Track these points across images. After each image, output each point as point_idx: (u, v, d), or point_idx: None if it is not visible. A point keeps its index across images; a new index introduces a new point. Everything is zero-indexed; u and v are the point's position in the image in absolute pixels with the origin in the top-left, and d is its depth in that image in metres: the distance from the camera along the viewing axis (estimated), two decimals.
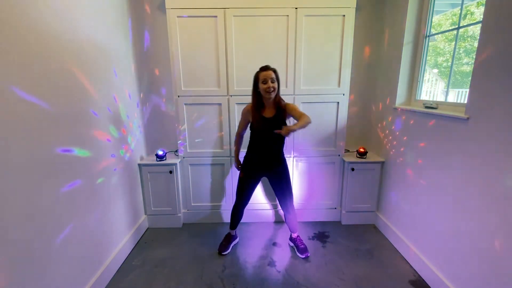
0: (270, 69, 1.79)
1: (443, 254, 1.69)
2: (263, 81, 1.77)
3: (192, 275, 1.92)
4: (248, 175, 2.02)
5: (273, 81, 1.78)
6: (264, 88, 1.77)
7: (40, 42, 1.28)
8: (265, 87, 1.77)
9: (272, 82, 1.77)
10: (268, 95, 1.79)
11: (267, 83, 1.76)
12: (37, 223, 1.25)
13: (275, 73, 1.80)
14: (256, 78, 1.82)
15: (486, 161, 1.37)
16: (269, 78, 1.76)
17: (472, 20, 1.78)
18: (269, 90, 1.77)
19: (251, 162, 1.99)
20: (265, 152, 1.93)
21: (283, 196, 2.05)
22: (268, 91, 1.77)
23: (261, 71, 1.80)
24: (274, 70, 1.80)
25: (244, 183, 2.04)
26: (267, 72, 1.77)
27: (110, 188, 1.90)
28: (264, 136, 1.88)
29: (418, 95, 2.13)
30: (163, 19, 2.39)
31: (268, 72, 1.77)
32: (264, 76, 1.77)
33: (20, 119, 1.16)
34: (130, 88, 2.22)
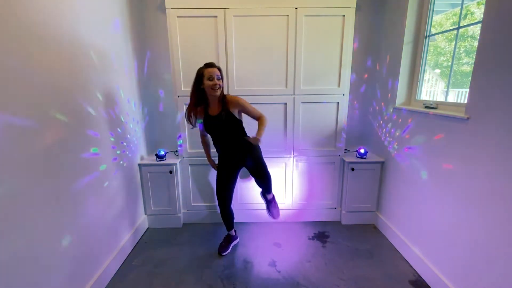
0: (215, 67, 1.78)
1: (443, 254, 1.69)
2: (209, 78, 1.74)
3: (192, 275, 1.92)
4: (221, 172, 2.05)
5: (219, 78, 1.77)
6: (210, 85, 1.75)
7: (38, 40, 1.28)
8: (211, 84, 1.74)
9: (218, 79, 1.75)
10: (214, 92, 1.77)
11: (213, 79, 1.74)
12: (37, 223, 1.25)
13: (220, 71, 1.80)
14: (201, 74, 1.77)
15: (486, 161, 1.37)
16: (215, 75, 1.74)
17: (472, 20, 1.78)
18: (215, 87, 1.75)
19: (220, 159, 2.04)
20: (225, 147, 1.95)
21: (260, 178, 2.08)
22: (214, 88, 1.75)
23: (205, 67, 1.77)
24: (219, 68, 1.80)
25: (222, 181, 2.05)
26: (213, 69, 1.75)
27: (110, 188, 1.90)
28: (217, 134, 1.91)
29: (418, 95, 2.13)
30: (163, 19, 2.39)
31: (213, 69, 1.75)
32: (209, 72, 1.74)
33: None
34: (130, 88, 2.22)
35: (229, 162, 2.00)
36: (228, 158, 1.99)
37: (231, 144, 1.93)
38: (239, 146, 1.94)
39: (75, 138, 1.52)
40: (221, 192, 2.07)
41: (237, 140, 1.93)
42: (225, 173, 2.03)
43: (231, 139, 1.92)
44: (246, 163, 2.01)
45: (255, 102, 2.34)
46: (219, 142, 1.95)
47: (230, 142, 1.92)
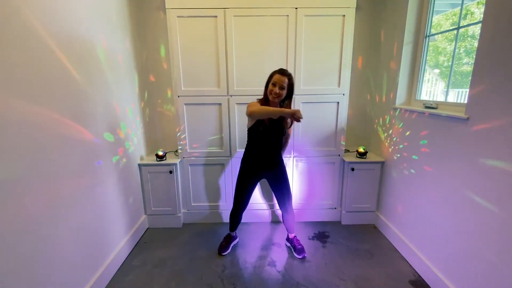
0: (286, 75, 1.74)
1: (443, 254, 1.69)
2: (273, 83, 1.75)
3: (192, 275, 1.92)
4: (247, 177, 2.00)
5: (282, 88, 1.74)
6: (270, 90, 1.76)
7: (38, 43, 1.28)
8: (272, 89, 1.75)
9: (280, 89, 1.74)
10: (271, 98, 1.78)
11: (275, 86, 1.74)
12: (37, 223, 1.25)
13: (290, 81, 1.76)
14: (270, 77, 1.79)
15: (486, 161, 1.37)
16: (279, 84, 1.73)
17: (472, 20, 1.78)
18: (274, 95, 1.75)
19: (250, 164, 1.97)
20: (265, 153, 1.92)
21: (282, 197, 2.05)
22: (272, 94, 1.76)
23: (277, 73, 1.76)
24: (289, 77, 1.76)
25: (244, 185, 2.01)
26: (281, 77, 1.73)
27: (110, 188, 1.90)
28: (266, 137, 1.87)
29: (418, 95, 2.13)
30: (163, 19, 2.39)
31: (281, 78, 1.73)
32: (276, 79, 1.74)
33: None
34: (130, 88, 2.22)
35: (258, 169, 1.96)
36: (260, 165, 1.94)
37: (271, 150, 1.92)
38: (275, 159, 1.95)
39: (73, 137, 1.52)
40: (242, 198, 2.03)
41: (277, 152, 1.94)
42: (250, 178, 2.00)
43: (274, 146, 1.91)
44: (275, 174, 1.98)
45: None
46: (262, 145, 1.90)
47: (272, 149, 1.91)
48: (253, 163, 1.96)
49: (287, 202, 2.06)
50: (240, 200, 2.05)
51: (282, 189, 2.03)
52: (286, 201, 2.06)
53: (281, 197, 2.06)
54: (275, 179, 2.01)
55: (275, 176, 2.00)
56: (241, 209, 2.09)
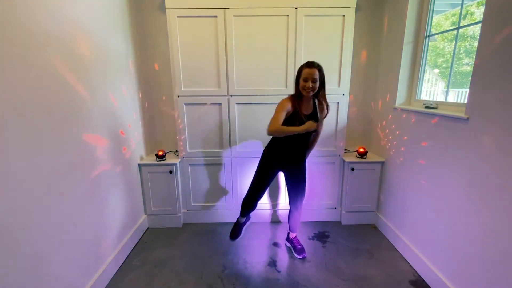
0: (315, 67, 1.69)
1: (443, 254, 1.69)
2: (304, 79, 1.69)
3: (192, 275, 1.92)
4: (270, 168, 1.94)
5: (315, 81, 1.69)
6: (303, 86, 1.71)
7: (43, 43, 1.28)
8: (304, 84, 1.70)
9: (313, 82, 1.69)
10: (306, 93, 1.73)
11: (307, 81, 1.69)
12: (37, 223, 1.25)
13: (320, 71, 1.70)
14: (299, 72, 1.73)
15: (486, 161, 1.37)
16: (311, 77, 1.68)
17: (472, 20, 1.78)
18: (308, 89, 1.71)
19: (276, 156, 1.91)
20: (294, 150, 1.89)
21: (296, 195, 2.05)
22: (306, 90, 1.71)
23: (306, 67, 1.70)
24: (319, 68, 1.70)
25: (265, 176, 1.95)
26: (311, 70, 1.68)
27: (110, 188, 1.90)
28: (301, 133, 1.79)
29: (418, 95, 2.13)
30: (163, 19, 2.39)
31: (312, 70, 1.68)
32: (306, 73, 1.69)
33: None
34: (130, 88, 2.22)
35: (280, 161, 1.91)
36: (284, 158, 1.90)
37: (301, 146, 1.90)
38: (301, 155, 1.94)
39: (73, 138, 1.52)
40: (259, 186, 1.97)
41: (304, 147, 1.92)
42: (271, 170, 1.94)
43: (303, 143, 1.89)
44: (296, 169, 1.97)
45: (255, 102, 2.35)
46: (289, 141, 1.84)
47: (300, 145, 1.89)
48: (279, 156, 1.90)
49: (299, 200, 2.06)
50: (257, 189, 1.98)
51: (298, 186, 2.03)
52: (299, 199, 2.06)
53: (295, 194, 2.05)
54: (295, 175, 2.00)
55: (296, 172, 1.99)
56: (257, 197, 2.02)
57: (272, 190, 2.60)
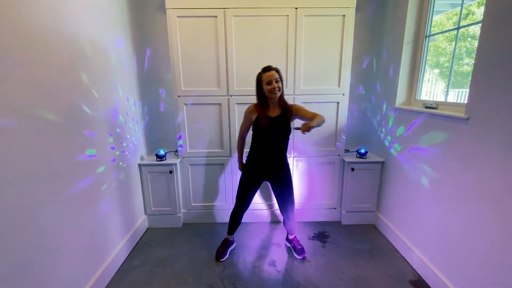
0: (272, 69, 1.77)
1: (443, 254, 1.69)
2: (268, 83, 1.75)
3: (192, 275, 1.92)
4: (250, 177, 1.98)
5: (277, 81, 1.75)
6: (269, 89, 1.75)
7: (43, 43, 1.28)
8: (270, 88, 1.75)
9: (276, 82, 1.75)
10: (274, 95, 1.77)
11: (271, 84, 1.74)
12: (37, 223, 1.26)
13: (278, 72, 1.78)
14: (259, 79, 1.79)
15: (486, 161, 1.37)
16: (273, 78, 1.74)
17: (473, 20, 1.78)
18: (274, 90, 1.75)
19: (254, 165, 1.94)
20: (269, 154, 1.89)
21: (284, 202, 2.02)
22: (273, 91, 1.75)
23: (264, 72, 1.78)
24: (277, 69, 1.78)
25: (247, 186, 1.99)
26: (270, 72, 1.75)
27: (110, 189, 1.90)
28: (269, 137, 1.85)
29: (418, 95, 2.13)
30: (163, 19, 2.39)
31: (271, 73, 1.75)
32: (267, 77, 1.75)
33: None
34: (130, 88, 2.22)
35: (261, 169, 1.93)
36: (262, 165, 1.92)
37: (275, 151, 1.89)
38: (279, 159, 1.92)
39: (72, 138, 1.52)
40: (243, 198, 2.01)
41: (281, 151, 1.91)
42: (252, 179, 1.97)
43: (277, 146, 1.88)
44: (277, 178, 1.96)
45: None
46: (263, 145, 1.88)
47: (275, 149, 1.89)
48: (256, 165, 1.94)
49: (289, 207, 2.03)
50: (242, 200, 2.02)
51: (284, 194, 2.00)
52: (288, 206, 2.03)
53: (284, 204, 2.03)
54: (278, 183, 1.98)
55: (279, 180, 1.97)
56: (242, 209, 2.06)
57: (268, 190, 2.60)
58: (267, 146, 1.88)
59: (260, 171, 1.94)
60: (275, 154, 1.90)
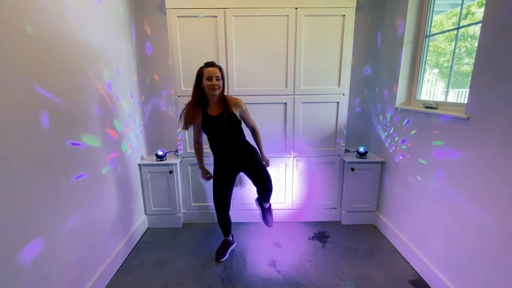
0: (216, 66, 1.73)
1: (443, 254, 1.69)
2: (208, 78, 1.70)
3: (192, 275, 1.92)
4: (221, 177, 1.96)
5: (218, 78, 1.72)
6: (209, 85, 1.71)
7: (33, 37, 1.28)
8: (210, 84, 1.70)
9: (217, 79, 1.71)
10: (212, 92, 1.74)
11: (211, 80, 1.70)
12: (37, 223, 1.25)
13: (221, 71, 1.75)
14: (200, 73, 1.74)
15: (486, 161, 1.37)
16: (214, 75, 1.70)
17: (473, 20, 1.78)
18: (214, 87, 1.71)
19: (219, 163, 1.94)
20: (223, 149, 1.89)
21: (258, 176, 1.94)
22: (212, 88, 1.71)
23: (205, 67, 1.73)
24: (220, 67, 1.75)
25: (220, 186, 1.97)
26: (213, 68, 1.71)
27: (110, 188, 1.90)
28: (217, 134, 1.84)
29: (418, 95, 2.13)
30: (163, 19, 2.39)
31: (213, 69, 1.71)
32: (209, 72, 1.70)
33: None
34: (129, 88, 2.22)
35: (227, 166, 1.93)
36: (226, 161, 1.92)
37: (230, 145, 1.88)
38: (239, 148, 1.91)
39: (72, 138, 1.52)
40: (218, 198, 1.99)
41: (237, 141, 1.89)
42: (223, 178, 1.95)
43: (231, 140, 1.87)
44: (246, 165, 1.94)
45: (255, 102, 2.35)
46: (217, 143, 1.89)
47: (230, 143, 1.88)
48: (219, 158, 1.94)
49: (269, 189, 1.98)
50: (220, 201, 1.99)
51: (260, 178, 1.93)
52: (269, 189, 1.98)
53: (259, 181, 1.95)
54: (247, 164, 1.93)
55: (246, 163, 1.93)
56: (225, 209, 2.02)
57: None
58: (219, 143, 1.88)
59: (227, 166, 1.93)
60: (231, 146, 1.89)
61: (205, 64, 1.75)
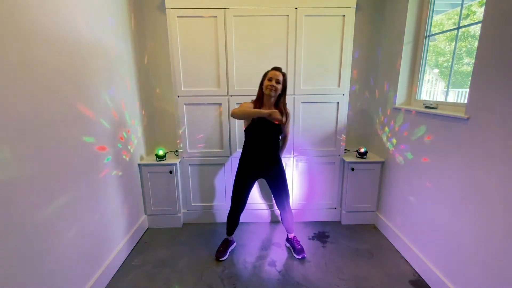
0: (280, 72, 1.82)
1: (443, 254, 1.69)
2: (269, 78, 1.80)
3: (192, 275, 1.92)
4: (244, 176, 1.99)
5: (278, 82, 1.80)
6: (266, 85, 1.80)
7: (34, 38, 1.28)
8: (268, 83, 1.79)
9: (276, 82, 1.79)
10: (268, 92, 1.80)
11: (271, 81, 1.79)
12: (37, 223, 1.26)
13: (284, 76, 1.83)
14: (266, 74, 1.85)
15: (486, 161, 1.37)
16: (275, 78, 1.79)
17: (473, 20, 1.78)
18: (270, 88, 1.79)
19: (248, 163, 1.97)
20: (262, 151, 1.92)
21: (280, 196, 2.04)
22: (269, 88, 1.79)
23: (272, 69, 1.84)
24: (283, 73, 1.83)
25: (241, 186, 2.00)
26: (276, 72, 1.81)
27: (110, 189, 1.90)
28: (261, 135, 1.88)
29: (418, 95, 2.13)
30: (163, 19, 2.39)
31: (277, 73, 1.81)
32: (272, 74, 1.81)
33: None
34: (129, 88, 2.22)
35: (255, 170, 1.96)
36: (257, 165, 1.94)
37: (267, 151, 1.92)
38: (273, 157, 1.96)
39: (72, 139, 1.52)
40: (239, 198, 2.02)
41: (273, 149, 1.95)
42: (247, 180, 1.99)
43: (270, 145, 1.92)
44: (272, 172, 1.98)
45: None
46: (256, 145, 1.91)
47: (267, 148, 1.92)
48: (249, 163, 1.96)
49: (284, 200, 2.06)
50: (238, 200, 2.03)
51: (279, 187, 2.03)
52: (284, 200, 2.06)
53: (279, 196, 2.05)
54: (273, 178, 2.01)
55: (273, 175, 2.00)
56: (239, 210, 2.07)
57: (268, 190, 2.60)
58: (261, 144, 1.91)
59: (255, 169, 1.97)
60: (269, 151, 1.93)
61: (273, 67, 1.86)
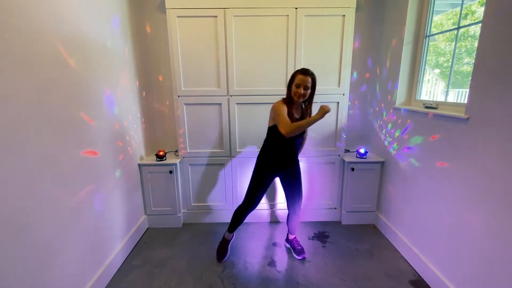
0: (309, 75, 1.73)
1: (443, 254, 1.69)
2: (297, 85, 1.73)
3: (192, 275, 1.92)
4: (267, 173, 1.95)
5: (307, 88, 1.73)
6: (295, 92, 1.74)
7: (34, 37, 1.28)
8: (297, 91, 1.73)
9: (305, 89, 1.73)
10: (297, 99, 1.76)
11: (299, 87, 1.73)
12: (37, 223, 1.26)
13: (313, 80, 1.75)
14: (293, 77, 1.77)
15: (486, 161, 1.37)
16: (304, 84, 1.72)
17: (473, 20, 1.78)
18: (299, 95, 1.73)
19: (271, 161, 1.93)
20: (286, 151, 1.91)
21: (293, 197, 2.04)
22: (297, 95, 1.74)
23: (300, 73, 1.74)
24: (313, 76, 1.75)
25: (262, 182, 1.95)
26: (305, 77, 1.72)
27: (110, 189, 1.90)
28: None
29: (418, 95, 2.13)
30: (163, 19, 2.39)
31: (305, 78, 1.72)
32: (300, 80, 1.72)
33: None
34: (129, 88, 2.22)
35: (276, 169, 1.94)
36: (280, 164, 1.93)
37: (291, 148, 1.92)
38: (294, 158, 1.97)
39: (72, 139, 1.52)
40: (258, 194, 1.97)
41: (295, 150, 1.95)
42: (269, 177, 1.95)
43: (294, 144, 1.92)
44: (290, 172, 1.98)
45: (255, 102, 2.35)
46: (284, 142, 1.88)
47: (292, 146, 1.91)
48: (272, 160, 1.92)
49: (297, 202, 2.05)
50: (255, 196, 1.98)
51: (294, 188, 2.02)
52: (296, 202, 2.05)
53: (292, 197, 2.04)
54: (290, 178, 2.00)
55: (290, 175, 1.99)
56: (253, 207, 2.02)
57: (270, 190, 2.60)
58: (287, 144, 1.89)
59: (276, 167, 1.94)
60: (292, 151, 1.93)
61: (301, 70, 1.75)
